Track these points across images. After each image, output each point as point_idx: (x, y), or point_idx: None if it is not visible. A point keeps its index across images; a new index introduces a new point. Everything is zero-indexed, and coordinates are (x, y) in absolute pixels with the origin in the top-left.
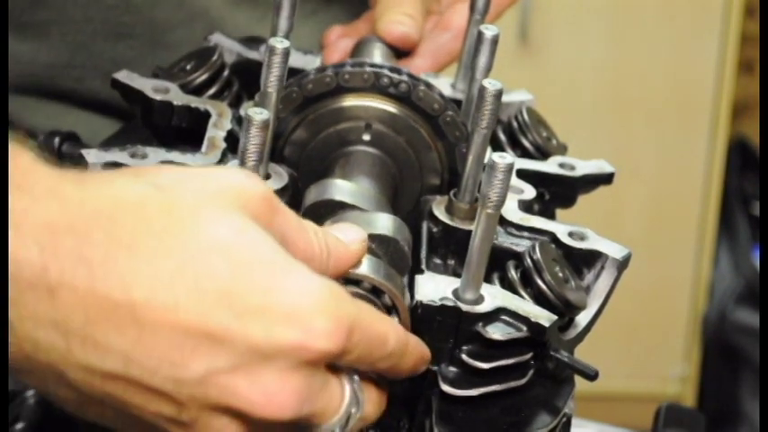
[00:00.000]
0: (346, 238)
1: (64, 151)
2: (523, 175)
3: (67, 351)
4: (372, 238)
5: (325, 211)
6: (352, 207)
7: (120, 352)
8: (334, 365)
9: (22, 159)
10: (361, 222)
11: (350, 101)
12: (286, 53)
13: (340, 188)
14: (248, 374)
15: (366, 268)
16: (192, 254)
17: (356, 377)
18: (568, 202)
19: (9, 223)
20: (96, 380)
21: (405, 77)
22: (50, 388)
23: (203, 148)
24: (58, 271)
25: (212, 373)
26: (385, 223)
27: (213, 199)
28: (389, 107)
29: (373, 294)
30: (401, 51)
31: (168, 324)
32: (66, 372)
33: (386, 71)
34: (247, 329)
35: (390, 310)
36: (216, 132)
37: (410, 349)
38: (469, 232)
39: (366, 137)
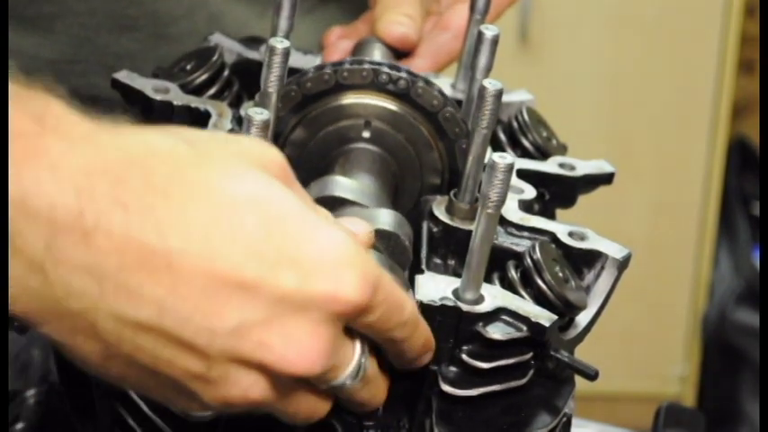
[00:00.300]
0: (354, 229)
1: None
2: (523, 175)
3: (100, 298)
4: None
5: (325, 208)
6: (353, 203)
7: (153, 301)
8: (346, 329)
9: (55, 106)
10: (362, 218)
11: (349, 98)
12: (286, 53)
13: (340, 185)
14: (281, 327)
15: None
16: (224, 205)
17: (365, 345)
18: (568, 202)
19: (45, 166)
20: (127, 330)
21: (403, 74)
22: (77, 341)
23: None
24: (94, 215)
25: (245, 325)
26: (386, 218)
27: (238, 157)
28: (389, 104)
29: None
30: (401, 52)
31: (203, 273)
32: (96, 321)
33: (384, 68)
34: (280, 280)
35: None
36: None
37: (421, 327)
38: (470, 232)
39: (366, 134)
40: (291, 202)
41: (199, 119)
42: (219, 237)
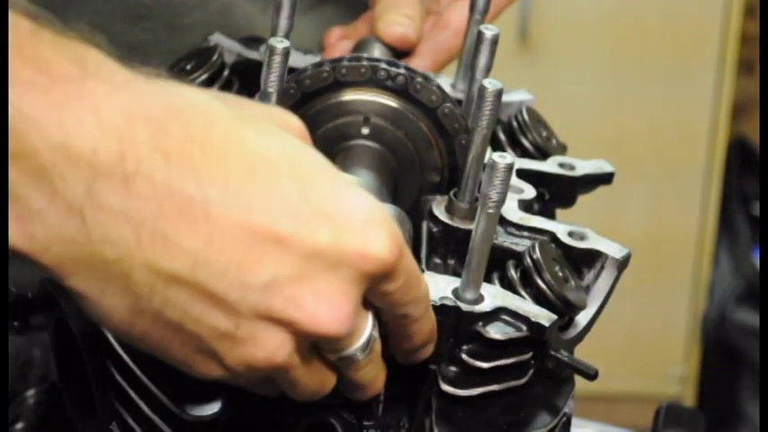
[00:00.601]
0: None
1: None
2: (523, 174)
3: (136, 246)
4: None
5: None
6: None
7: (189, 251)
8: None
9: (95, 52)
10: None
11: (348, 95)
12: (286, 53)
13: None
14: (313, 284)
15: None
16: (260, 160)
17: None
18: (568, 201)
19: (87, 110)
20: (160, 283)
21: (402, 70)
22: (105, 293)
23: None
24: (134, 160)
25: (278, 281)
26: None
27: (266, 118)
28: (387, 100)
29: None
30: (400, 52)
31: (240, 225)
32: (130, 271)
33: (383, 64)
34: (315, 235)
35: None
36: None
37: (431, 312)
38: (469, 232)
39: (365, 131)
40: (322, 161)
41: None
42: (256, 190)
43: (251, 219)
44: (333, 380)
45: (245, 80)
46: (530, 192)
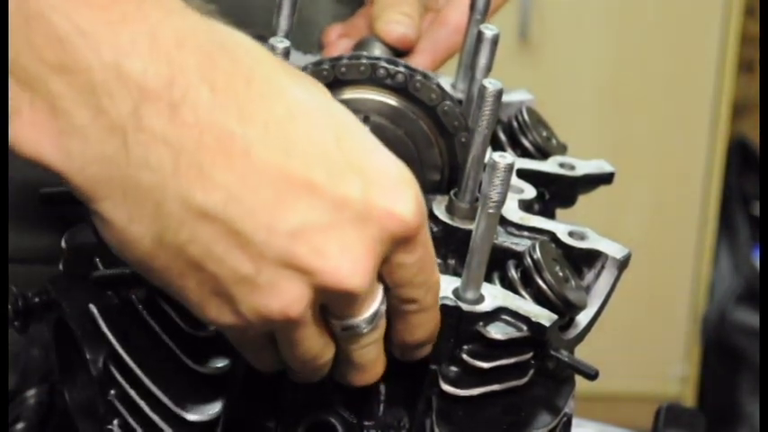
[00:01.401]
0: None
1: None
2: (523, 174)
3: (173, 174)
4: None
5: None
6: None
7: (223, 186)
8: None
9: None
10: None
11: (347, 94)
12: (286, 53)
13: None
14: (340, 236)
15: None
16: (301, 107)
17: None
18: (568, 201)
19: (142, 32)
20: (190, 216)
21: (401, 68)
22: (133, 220)
23: None
24: (182, 87)
25: (306, 228)
26: None
27: (305, 77)
28: (387, 99)
29: None
30: (400, 51)
31: (276, 167)
32: (162, 200)
33: (382, 63)
34: (347, 187)
35: None
36: None
37: (437, 308)
38: (470, 232)
39: None
40: (356, 120)
41: None
42: (295, 136)
43: (288, 162)
44: (331, 351)
45: None
46: (530, 192)
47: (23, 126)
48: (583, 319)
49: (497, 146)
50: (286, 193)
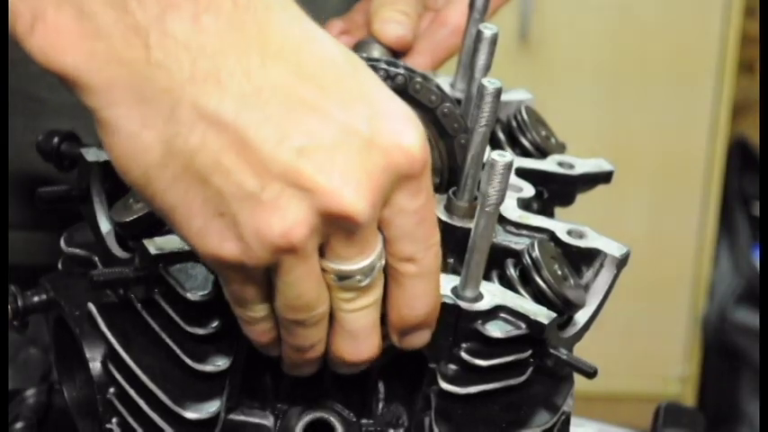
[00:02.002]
0: None
1: (63, 150)
2: (522, 173)
3: (190, 78)
4: None
5: None
6: None
7: (237, 95)
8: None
9: None
10: None
11: None
12: None
13: None
14: (345, 158)
15: None
16: (318, 36)
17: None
18: (567, 200)
19: None
20: (202, 122)
21: (401, 70)
22: (145, 126)
23: None
24: None
25: (312, 147)
26: None
27: None
28: None
29: None
30: (398, 52)
31: (289, 84)
32: (177, 104)
33: (382, 64)
34: (357, 114)
35: None
36: None
37: (437, 281)
38: (469, 230)
39: None
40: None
41: None
42: (312, 58)
43: (299, 82)
44: (325, 304)
45: None
46: (529, 190)
47: (47, 32)
48: (581, 317)
49: (496, 145)
50: (297, 111)
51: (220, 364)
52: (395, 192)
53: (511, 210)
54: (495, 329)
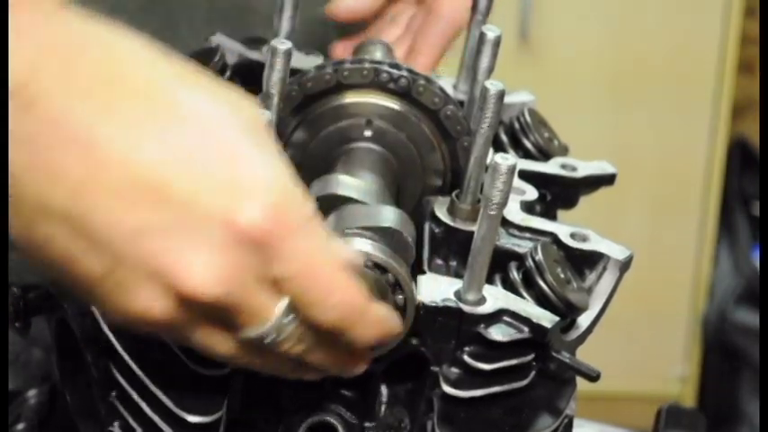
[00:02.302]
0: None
1: None
2: (525, 176)
3: (28, 169)
4: (375, 230)
5: (327, 206)
6: (356, 201)
7: (71, 182)
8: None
9: None
10: (365, 215)
11: (350, 98)
12: (288, 54)
13: (343, 183)
14: (181, 238)
15: (368, 246)
16: (166, 108)
17: (292, 313)
18: (570, 203)
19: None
20: (44, 213)
21: (404, 72)
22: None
23: None
24: (40, 85)
25: (148, 228)
26: (389, 216)
27: (212, 88)
28: (390, 103)
29: (377, 271)
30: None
31: (123, 165)
32: (21, 197)
33: (385, 67)
34: (195, 191)
35: (394, 287)
36: None
37: (371, 314)
38: (471, 233)
39: (367, 133)
40: (236, 128)
41: None
42: (149, 134)
43: (135, 162)
44: (232, 350)
45: (247, 81)
46: (532, 193)
47: None
48: (584, 320)
49: (499, 147)
50: (130, 192)
51: (223, 367)
52: (263, 264)
53: (514, 212)
54: (498, 333)
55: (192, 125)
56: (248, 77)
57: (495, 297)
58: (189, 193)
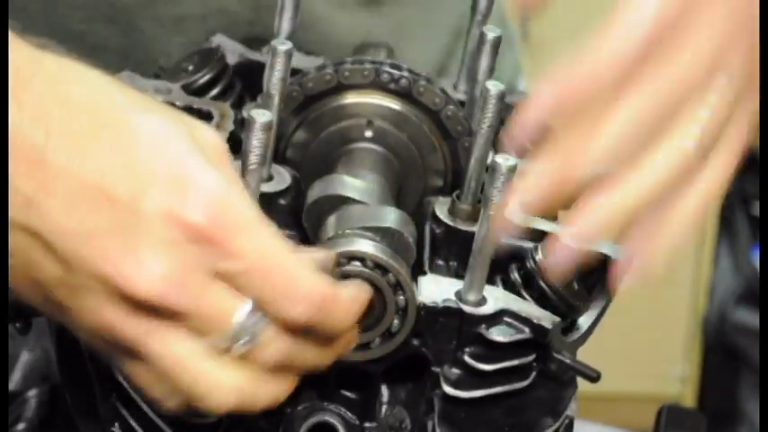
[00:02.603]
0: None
1: None
2: None
3: None
4: (376, 230)
5: (328, 207)
6: (356, 202)
7: (23, 194)
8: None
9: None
10: (366, 216)
11: (351, 98)
12: (289, 55)
13: (344, 183)
14: (124, 239)
15: (369, 247)
16: (115, 125)
17: (259, 314)
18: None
19: None
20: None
21: (405, 73)
22: None
23: None
24: None
25: (93, 232)
26: (390, 216)
27: (169, 117)
28: (391, 103)
29: (378, 271)
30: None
31: (70, 173)
32: None
33: (386, 67)
34: (137, 193)
35: (395, 288)
36: None
37: (343, 298)
38: (472, 234)
39: (368, 134)
40: (186, 146)
41: (201, 120)
42: (96, 144)
43: (80, 169)
44: (202, 367)
45: (247, 82)
46: None
47: None
48: (585, 321)
49: (500, 147)
50: (77, 197)
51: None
52: (212, 263)
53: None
54: (499, 334)
55: (140, 139)
56: (249, 78)
57: (495, 298)
58: (133, 192)
